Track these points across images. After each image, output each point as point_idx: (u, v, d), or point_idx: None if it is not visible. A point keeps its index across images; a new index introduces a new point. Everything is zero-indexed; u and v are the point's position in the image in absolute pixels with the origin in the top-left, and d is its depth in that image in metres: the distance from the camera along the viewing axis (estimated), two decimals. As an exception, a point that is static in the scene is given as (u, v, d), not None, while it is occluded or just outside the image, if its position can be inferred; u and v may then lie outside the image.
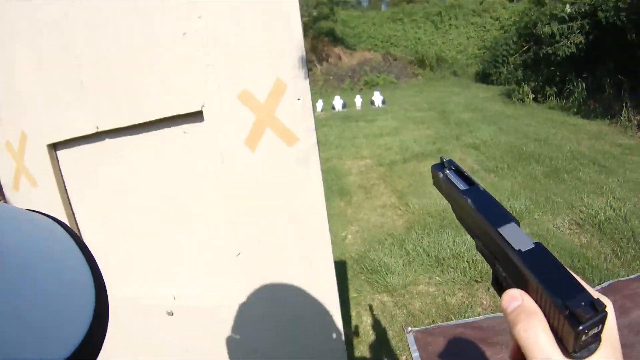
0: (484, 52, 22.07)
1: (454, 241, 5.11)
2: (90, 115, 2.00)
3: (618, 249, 4.65)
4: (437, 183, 0.77)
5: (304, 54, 1.78)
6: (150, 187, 2.05)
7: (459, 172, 0.73)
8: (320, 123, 12.50)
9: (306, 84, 1.78)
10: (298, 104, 1.79)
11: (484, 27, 25.61)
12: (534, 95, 13.65)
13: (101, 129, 1.97)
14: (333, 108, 15.86)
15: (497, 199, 0.66)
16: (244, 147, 1.86)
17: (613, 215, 5.38)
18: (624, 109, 10.08)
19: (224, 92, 1.84)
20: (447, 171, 0.75)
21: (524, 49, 15.62)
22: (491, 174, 7.30)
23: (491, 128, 10.37)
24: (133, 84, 1.91)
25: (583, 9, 12.02)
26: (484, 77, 19.99)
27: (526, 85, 13.95)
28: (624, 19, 10.65)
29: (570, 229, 5.24)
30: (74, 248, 0.63)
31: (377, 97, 15.93)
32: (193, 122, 1.93)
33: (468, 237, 5.09)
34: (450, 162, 0.75)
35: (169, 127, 1.96)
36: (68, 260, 0.60)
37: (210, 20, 1.81)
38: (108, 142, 2.01)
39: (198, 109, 1.86)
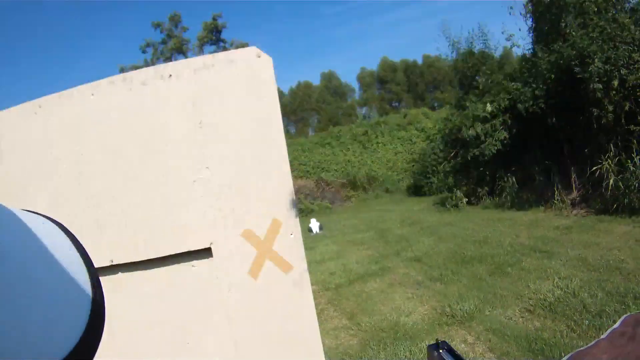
0: (413, 165, 22.97)
1: (411, 350, 5.12)
2: (104, 249, 2.21)
3: (572, 323, 4.79)
4: None
5: (294, 197, 2.22)
6: (162, 316, 2.27)
7: (451, 351, 0.87)
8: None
9: (297, 221, 2.24)
10: (291, 238, 2.24)
11: (410, 140, 26.79)
12: (467, 199, 14.17)
13: (115, 262, 2.20)
14: None
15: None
16: (248, 276, 2.23)
17: (562, 294, 5.56)
18: (556, 192, 10.64)
19: (229, 231, 2.23)
20: (441, 351, 0.89)
21: (452, 155, 16.32)
22: (437, 282, 7.40)
23: (430, 239, 10.63)
24: (146, 222, 2.21)
25: (503, 105, 12.80)
26: (416, 190, 20.69)
27: (458, 190, 14.50)
28: (543, 105, 11.40)
29: (523, 317, 5.34)
30: (70, 248, 0.64)
31: (314, 224, 16.14)
32: (202, 258, 2.26)
33: (424, 344, 5.14)
34: (444, 343, 0.91)
35: (179, 262, 2.26)
36: (64, 260, 0.61)
37: (216, 171, 2.22)
38: (121, 275, 2.24)
39: (207, 245, 2.21)
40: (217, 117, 2.29)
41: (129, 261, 2.20)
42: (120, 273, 2.24)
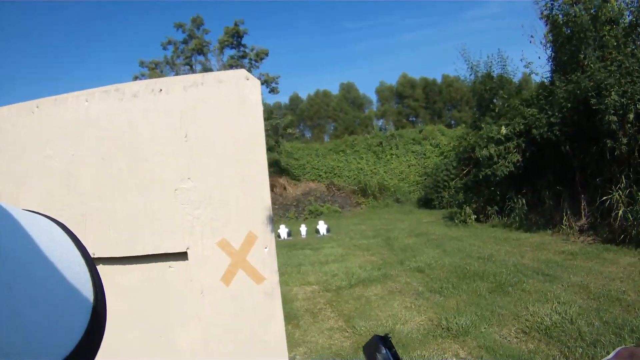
0: (425, 179, 22.97)
1: (402, 358, 5.04)
2: (88, 242, 2.23)
3: (566, 350, 4.68)
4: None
5: (271, 213, 2.31)
6: (137, 308, 2.37)
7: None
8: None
9: (272, 236, 2.30)
10: (265, 252, 2.30)
11: (424, 155, 26.73)
12: (475, 216, 14.09)
13: (97, 255, 2.33)
14: (279, 236, 15.82)
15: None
16: (221, 283, 2.31)
17: (559, 319, 5.44)
18: (565, 217, 10.56)
19: (206, 239, 2.32)
20: (385, 351, 0.95)
21: (464, 172, 16.27)
22: (436, 294, 7.32)
23: (435, 251, 10.56)
24: (129, 223, 2.33)
25: (518, 129, 12.72)
26: (426, 203, 20.66)
27: (467, 207, 14.41)
28: (557, 132, 11.30)
29: (517, 337, 5.24)
30: (72, 248, 0.64)
31: (322, 226, 16.15)
32: (178, 260, 2.36)
33: (416, 354, 5.07)
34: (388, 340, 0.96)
35: (157, 261, 2.36)
36: (66, 261, 0.61)
37: (198, 182, 2.33)
38: (102, 267, 2.36)
39: (184, 250, 2.31)
40: (203, 132, 2.40)
41: (110, 256, 2.30)
42: (101, 265, 2.34)
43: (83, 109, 2.40)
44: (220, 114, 2.38)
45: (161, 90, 2.39)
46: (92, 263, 0.65)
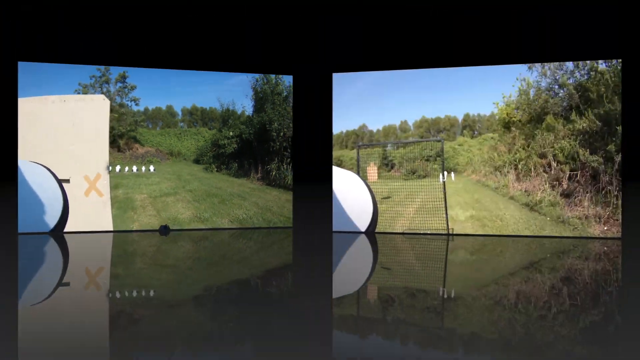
0: (198, 151, 23.14)
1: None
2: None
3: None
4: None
5: (109, 165, 2.82)
6: None
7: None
8: (125, 177, 6.45)
9: (108, 176, 2.81)
10: (104, 183, 2.81)
11: (204, 137, 26.19)
12: (217, 169, 14.10)
13: None
14: (132, 171, 14.70)
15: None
16: (84, 195, 2.72)
17: (246, 217, 6.99)
18: (253, 174, 11.86)
19: (78, 174, 2.73)
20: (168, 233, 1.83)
21: (213, 150, 17.09)
22: (196, 202, 7.29)
23: (199, 183, 8.17)
24: (50, 162, 2.66)
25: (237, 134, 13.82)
26: (197, 161, 20.56)
27: (214, 165, 14.38)
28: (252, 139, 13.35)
29: (230, 224, 6.66)
30: (53, 180, 1.59)
31: (152, 168, 13.83)
32: (65, 182, 2.70)
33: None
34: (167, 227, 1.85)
35: (59, 182, 2.63)
36: (50, 184, 1.58)
37: (77, 147, 2.67)
38: None
39: (67, 178, 2.69)
40: (81, 123, 2.63)
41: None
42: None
43: (39, 105, 2.60)
44: (90, 116, 2.64)
45: (65, 101, 2.64)
46: (62, 186, 1.40)
